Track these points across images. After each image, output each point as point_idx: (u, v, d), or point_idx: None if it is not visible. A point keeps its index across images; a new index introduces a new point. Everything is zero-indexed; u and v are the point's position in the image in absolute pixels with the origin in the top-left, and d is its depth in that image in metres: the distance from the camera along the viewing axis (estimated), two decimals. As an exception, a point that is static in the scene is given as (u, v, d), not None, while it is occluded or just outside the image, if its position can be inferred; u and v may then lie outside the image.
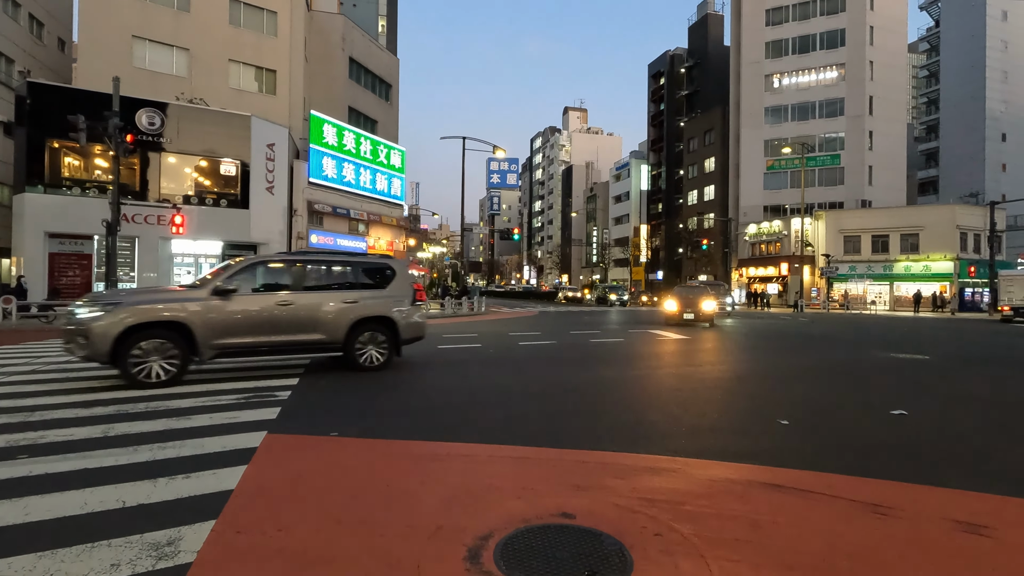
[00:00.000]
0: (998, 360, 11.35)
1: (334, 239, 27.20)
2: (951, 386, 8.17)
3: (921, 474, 4.12)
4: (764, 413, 6.09)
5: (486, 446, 4.72)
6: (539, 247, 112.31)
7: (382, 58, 36.34)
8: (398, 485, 3.71)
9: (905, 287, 40.65)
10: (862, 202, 46.18)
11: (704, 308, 19.13)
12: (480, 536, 2.93)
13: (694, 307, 19.28)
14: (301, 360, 9.69)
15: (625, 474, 3.99)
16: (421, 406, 6.33)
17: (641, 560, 2.69)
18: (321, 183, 26.28)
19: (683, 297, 20.07)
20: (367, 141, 29.31)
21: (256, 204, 23.47)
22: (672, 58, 68.15)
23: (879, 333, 18.27)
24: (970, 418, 6.08)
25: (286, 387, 7.16)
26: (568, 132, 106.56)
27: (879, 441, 5.05)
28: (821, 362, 10.56)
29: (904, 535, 3.05)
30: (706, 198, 56.97)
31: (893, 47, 48.72)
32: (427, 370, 8.99)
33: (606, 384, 7.90)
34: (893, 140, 48.26)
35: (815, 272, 43.02)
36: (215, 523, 3.06)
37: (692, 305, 19.32)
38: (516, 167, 58.67)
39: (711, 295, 20.39)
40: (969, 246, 40.24)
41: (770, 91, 50.33)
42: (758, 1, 50.73)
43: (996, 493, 3.73)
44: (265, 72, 25.98)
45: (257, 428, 5.12)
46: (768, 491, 3.70)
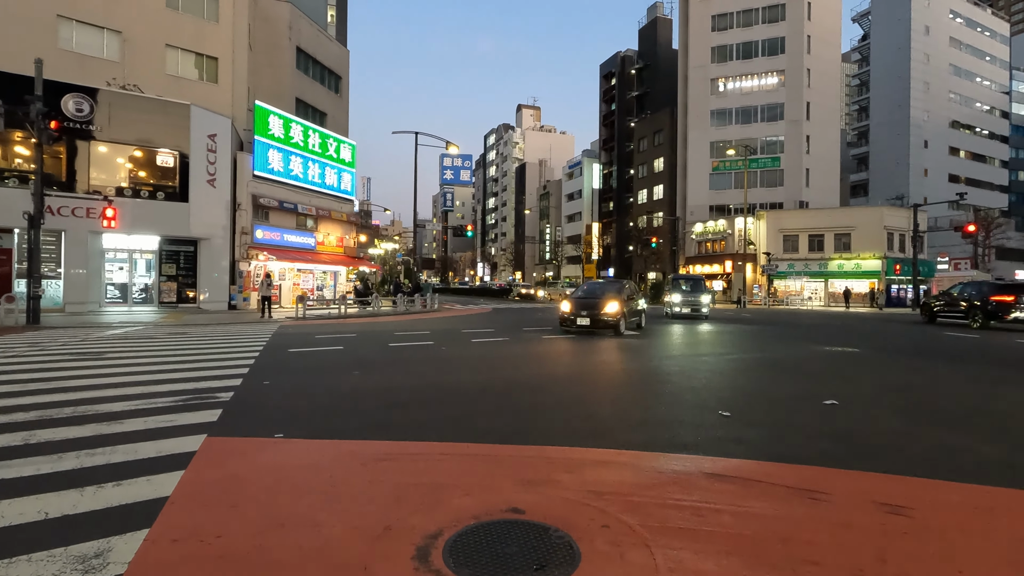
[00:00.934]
0: (919, 352, 12.17)
1: (281, 234, 26.33)
2: (878, 377, 8.70)
3: (851, 460, 4.37)
4: (707, 406, 6.31)
5: (437, 444, 4.69)
6: (493, 244, 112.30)
7: (331, 49, 35.37)
8: (346, 486, 3.64)
9: (839, 284, 42.96)
10: (800, 203, 48.50)
11: (608, 310, 14.41)
12: (429, 535, 2.91)
13: (593, 311, 14.56)
14: (245, 359, 9.34)
15: (574, 468, 4.05)
16: (371, 405, 6.22)
17: (589, 552, 2.74)
18: (267, 176, 25.35)
19: (578, 299, 15.55)
20: (316, 134, 28.48)
21: (196, 197, 22.41)
22: (623, 59, 69.43)
23: (815, 328, 19.24)
24: (894, 406, 6.49)
25: (228, 388, 6.88)
26: (522, 130, 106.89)
27: (813, 430, 5.32)
28: (761, 356, 11.03)
29: (834, 518, 3.22)
30: (655, 197, 58.42)
31: (828, 56, 51.35)
32: (377, 369, 8.84)
33: (558, 380, 7.98)
34: (828, 145, 50.91)
35: (757, 269, 44.88)
36: (148, 532, 2.91)
37: (590, 309, 14.65)
38: (470, 163, 58.41)
39: (616, 296, 14.99)
40: (895, 245, 42.94)
41: (715, 95, 52.07)
42: (704, 7, 52.35)
43: (916, 476, 4.00)
44: (206, 59, 24.79)
45: (196, 431, 4.90)
46: (711, 480, 3.84)
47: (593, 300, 15.08)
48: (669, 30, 65.22)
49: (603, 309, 14.43)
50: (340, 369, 8.63)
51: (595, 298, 15.20)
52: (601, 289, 16.37)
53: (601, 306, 14.54)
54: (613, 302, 14.56)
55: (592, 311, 14.52)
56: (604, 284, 17.48)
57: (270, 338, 13.06)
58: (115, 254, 21.88)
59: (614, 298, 14.79)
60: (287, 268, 27.32)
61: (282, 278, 26.96)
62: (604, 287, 16.56)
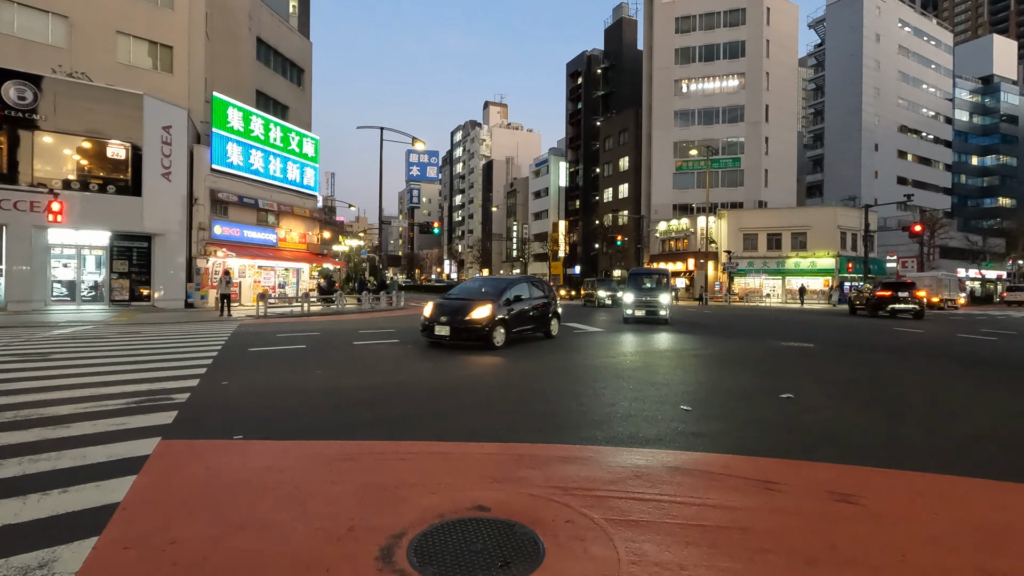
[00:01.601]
0: (869, 346, 12.70)
1: (241, 230, 25.58)
2: (831, 370, 9.05)
3: (804, 451, 4.54)
4: (670, 400, 6.44)
5: (402, 443, 4.65)
6: (460, 241, 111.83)
7: (293, 41, 34.52)
8: (308, 487, 3.57)
9: (796, 281, 44.46)
10: (759, 202, 49.96)
11: (475, 316, 10.86)
12: (393, 534, 2.89)
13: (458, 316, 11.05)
14: (202, 359, 9.06)
15: (539, 464, 4.08)
16: (335, 404, 6.12)
17: (553, 547, 2.77)
18: (226, 170, 24.58)
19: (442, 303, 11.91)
20: (277, 127, 27.76)
21: (150, 191, 21.56)
22: (589, 59, 70.04)
23: (772, 324, 19.86)
24: (845, 399, 6.76)
25: (184, 389, 6.66)
26: (488, 127, 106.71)
27: (770, 423, 5.50)
28: (722, 352, 11.32)
29: (789, 507, 3.34)
30: (621, 196, 59.21)
31: (786, 61, 53.03)
32: (341, 367, 8.70)
33: (525, 376, 8.02)
34: (786, 146, 52.60)
35: (718, 267, 46.02)
36: (97, 540, 2.80)
37: (454, 314, 11.13)
38: (436, 160, 58.01)
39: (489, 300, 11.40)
40: (848, 244, 44.69)
41: (679, 95, 53.09)
42: (668, 9, 53.27)
43: (864, 465, 4.18)
44: (160, 48, 23.84)
45: (149, 434, 4.73)
46: (672, 473, 3.92)
47: (461, 304, 11.47)
48: (634, 31, 66.12)
49: (469, 315, 10.91)
50: (302, 368, 8.46)
51: (465, 301, 11.64)
52: (482, 288, 12.57)
53: (468, 311, 11.01)
54: (483, 306, 10.99)
55: (456, 316, 11.01)
56: (492, 282, 13.07)
57: (229, 337, 12.69)
58: (62, 250, 20.87)
59: (485, 301, 11.22)
60: (247, 265, 26.58)
61: (242, 275, 26.22)
62: (489, 285, 12.62)
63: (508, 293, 11.91)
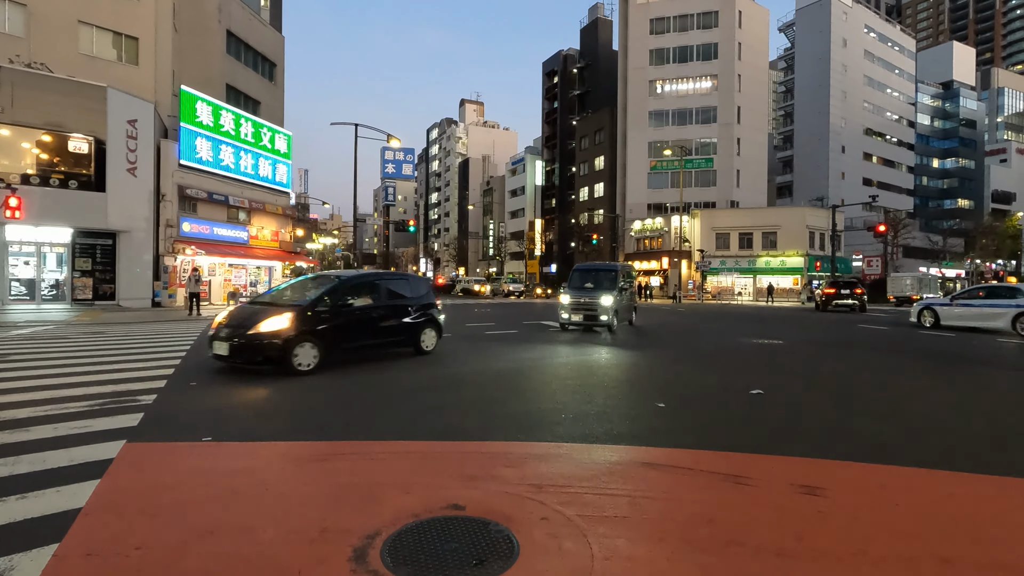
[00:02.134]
0: (837, 343, 13.06)
1: (211, 228, 24.99)
2: (799, 366, 9.28)
3: (772, 446, 4.65)
4: (644, 397, 6.52)
5: (376, 443, 4.61)
6: (436, 239, 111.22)
7: (265, 34, 33.83)
8: (279, 489, 3.52)
9: (767, 280, 45.46)
10: (731, 202, 50.88)
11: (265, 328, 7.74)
12: (367, 535, 2.86)
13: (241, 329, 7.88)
14: (170, 360, 8.83)
15: (514, 463, 4.09)
16: (308, 404, 6.04)
17: (527, 544, 2.78)
18: (195, 166, 23.98)
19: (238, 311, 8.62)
20: (248, 123, 27.19)
21: (115, 187, 20.90)
22: (565, 58, 70.32)
23: (743, 321, 20.25)
24: (812, 394, 6.94)
25: (151, 390, 6.49)
26: (465, 125, 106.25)
27: (740, 418, 5.62)
28: (695, 349, 11.51)
29: (756, 500, 3.42)
30: (596, 195, 59.64)
31: (757, 63, 54.09)
32: (322, 368, 8.56)
33: (499, 374, 8.02)
34: (757, 147, 53.67)
35: (692, 266, 46.73)
36: (58, 547, 2.71)
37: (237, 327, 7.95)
38: (412, 157, 57.48)
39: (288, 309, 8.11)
40: (816, 244, 45.85)
41: (653, 96, 53.70)
42: (643, 10, 53.82)
43: (829, 459, 4.30)
44: (125, 39, 23.11)
45: (114, 437, 4.59)
46: (645, 470, 3.98)
47: (252, 311, 8.29)
48: (610, 31, 66.62)
49: (257, 327, 7.70)
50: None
51: (263, 307, 8.40)
52: (304, 287, 9.36)
53: (256, 321, 7.80)
54: (279, 316, 7.79)
55: (239, 329, 7.81)
56: (316, 280, 9.52)
57: (198, 337, 12.39)
58: (20, 247, 20.10)
59: (285, 309, 8.04)
60: (217, 263, 25.99)
61: (212, 273, 25.63)
62: (307, 286, 9.25)
63: (335, 295, 8.55)
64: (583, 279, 15.76)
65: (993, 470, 4.08)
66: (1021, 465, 4.24)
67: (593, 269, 16.68)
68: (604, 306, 14.06)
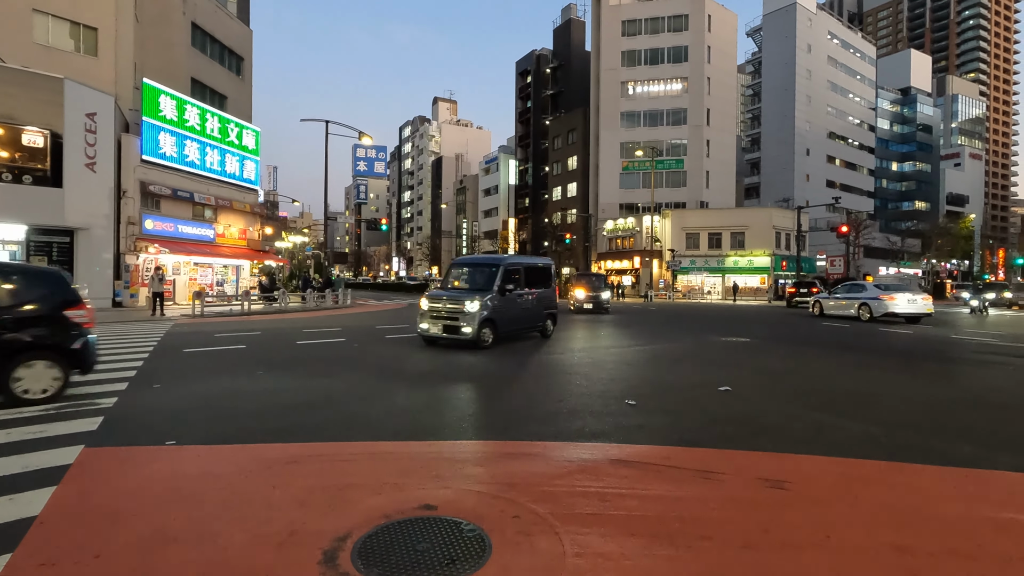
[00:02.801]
0: (801, 340, 13.42)
1: (175, 225, 24.26)
2: (765, 363, 9.50)
3: (740, 441, 4.75)
4: (615, 395, 6.59)
5: (347, 444, 4.55)
6: (409, 238, 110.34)
7: (232, 27, 32.99)
8: (246, 492, 3.44)
9: (735, 279, 46.42)
10: (701, 203, 51.80)
11: None
12: (337, 537, 2.83)
13: None
14: (132, 362, 8.55)
15: (486, 462, 4.09)
16: (277, 406, 5.92)
17: (499, 543, 2.79)
18: (158, 162, 23.24)
19: None
20: (215, 118, 26.48)
21: (72, 182, 20.11)
22: (538, 58, 70.51)
23: (712, 319, 20.65)
24: (778, 390, 7.12)
25: (111, 393, 6.28)
26: (438, 123, 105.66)
27: (709, 415, 5.73)
28: (666, 347, 11.68)
29: (724, 495, 3.50)
30: (569, 194, 60.00)
31: (726, 67, 55.18)
32: (283, 368, 8.41)
33: (473, 373, 8.01)
34: (726, 149, 54.77)
35: (663, 265, 47.41)
36: (11, 557, 2.60)
37: None
38: (384, 155, 56.89)
39: None
40: (783, 244, 47.02)
41: (625, 97, 54.29)
42: (615, 12, 54.35)
43: (793, 453, 4.43)
44: (83, 29, 22.24)
45: (71, 442, 4.43)
46: (616, 466, 4.02)
47: None
48: (582, 32, 67.05)
49: None
50: (242, 369, 8.13)
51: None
52: None
53: None
54: None
55: None
56: None
57: (162, 338, 12.04)
58: (-30, 245, 19.18)
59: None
60: (182, 262, 25.25)
61: (176, 272, 24.88)
62: None
63: None
64: (456, 277, 12.35)
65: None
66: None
67: (472, 264, 12.61)
68: (471, 313, 10.43)
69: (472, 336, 10.48)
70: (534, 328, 12.69)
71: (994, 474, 4.02)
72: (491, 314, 10.76)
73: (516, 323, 11.86)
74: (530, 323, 12.51)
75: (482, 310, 10.57)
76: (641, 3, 54.39)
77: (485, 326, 10.68)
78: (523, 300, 12.02)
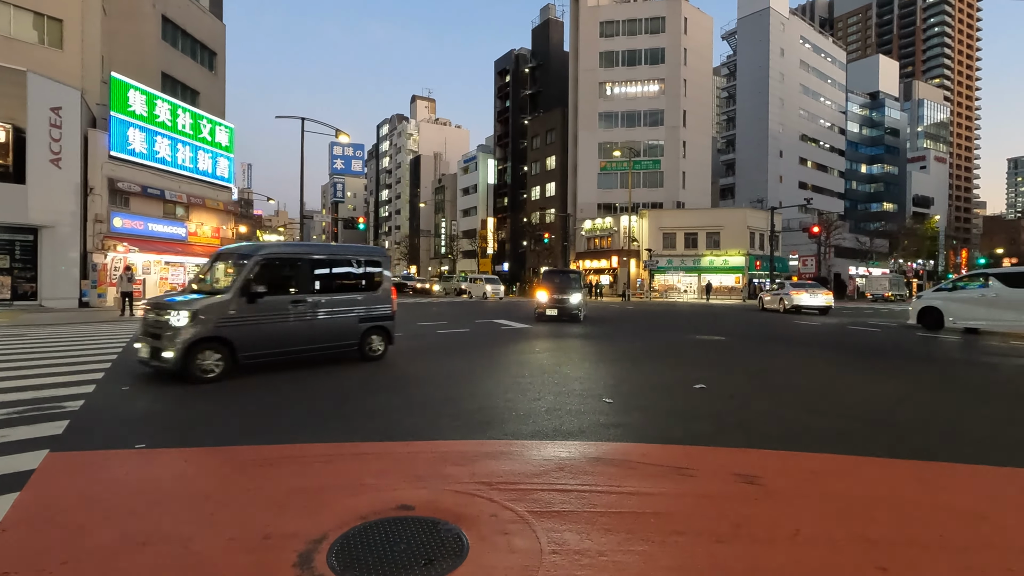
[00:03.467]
0: (775, 338, 13.70)
1: (145, 223, 23.68)
2: (741, 361, 9.68)
3: (715, 437, 4.84)
4: (592, 394, 6.65)
5: (322, 445, 4.50)
6: (387, 237, 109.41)
7: (204, 21, 32.30)
8: (219, 495, 3.38)
9: (709, 278, 47.18)
10: (677, 203, 52.49)
11: None
12: (313, 539, 2.80)
13: None
14: (99, 363, 8.32)
15: (464, 461, 4.09)
16: (252, 407, 5.82)
17: (477, 542, 2.79)
18: (127, 158, 22.65)
19: None
20: (186, 113, 25.91)
21: (36, 179, 19.48)
22: (517, 57, 70.57)
23: (688, 318, 20.94)
24: (752, 388, 7.26)
25: (77, 395, 6.10)
26: (416, 121, 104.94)
27: (685, 412, 5.81)
28: (642, 345, 11.81)
29: (699, 491, 3.56)
30: (548, 194, 60.21)
31: (702, 69, 56.01)
32: (259, 367, 8.27)
33: (453, 374, 7.98)
34: (702, 150, 55.59)
35: (640, 265, 47.91)
36: (-30, 566, 2.51)
37: None
38: (362, 153, 56.19)
39: None
40: (756, 244, 47.92)
41: (603, 98, 54.71)
42: (593, 13, 54.72)
43: (766, 448, 4.52)
44: (47, 20, 21.55)
45: (35, 447, 4.30)
46: (593, 464, 4.06)
47: None
48: (561, 32, 67.31)
49: None
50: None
51: None
52: None
53: None
54: None
55: None
56: None
57: (131, 338, 11.73)
58: (-74, 243, 18.44)
59: None
60: (153, 261, 24.65)
61: (147, 272, 24.28)
62: None
63: None
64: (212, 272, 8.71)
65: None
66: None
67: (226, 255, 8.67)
68: (173, 328, 6.93)
69: (173, 363, 6.87)
70: (341, 347, 8.70)
71: (956, 467, 4.16)
72: (219, 330, 7.16)
73: (289, 343, 7.96)
74: (331, 341, 8.55)
75: (194, 324, 6.95)
76: (619, 5, 54.89)
77: (203, 348, 7.02)
78: (310, 308, 8.18)
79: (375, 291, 9.31)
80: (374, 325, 9.13)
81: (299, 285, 8.19)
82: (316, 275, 8.47)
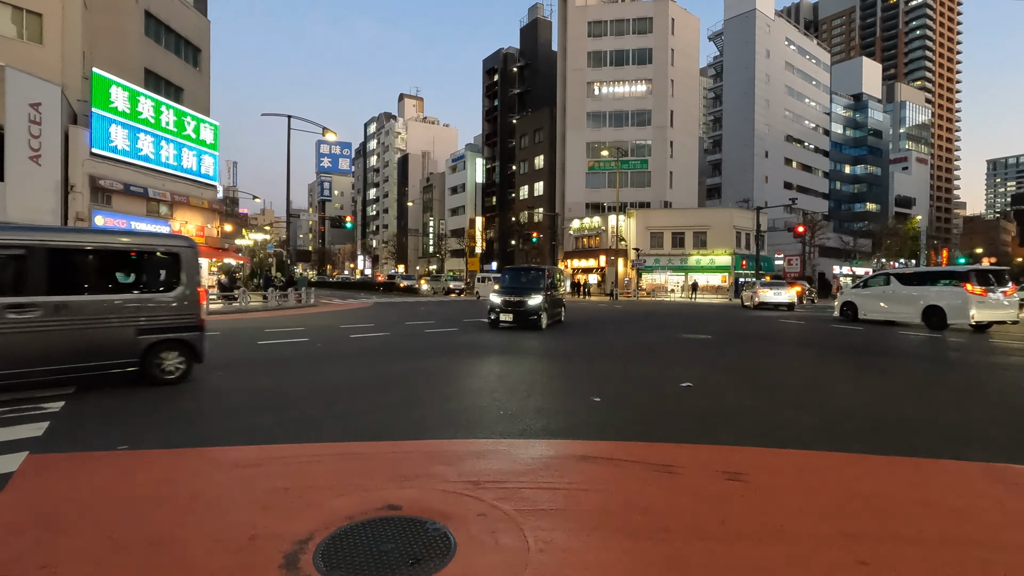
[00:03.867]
0: (759, 336, 13.84)
1: (128, 222, 23.30)
2: (726, 359, 9.76)
3: (700, 435, 4.88)
4: (581, 392, 6.67)
5: (309, 445, 4.48)
6: (374, 236, 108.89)
7: (188, 17, 31.86)
8: (204, 497, 3.35)
9: (695, 277, 47.52)
10: (665, 203, 52.81)
11: None
12: (299, 540, 2.78)
13: None
14: (81, 364, 8.17)
15: (452, 460, 4.09)
16: (236, 408, 5.77)
17: (464, 541, 2.79)
18: (109, 155, 22.28)
19: None
20: (170, 110, 25.55)
21: (15, 176, 19.10)
22: (505, 56, 70.53)
23: (676, 317, 21.08)
24: (737, 385, 7.33)
25: (58, 396, 6.00)
26: (404, 120, 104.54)
27: (672, 411, 5.85)
28: (630, 344, 11.87)
29: (685, 487, 3.59)
30: (536, 193, 60.28)
31: (689, 69, 56.39)
32: (243, 368, 8.20)
33: (438, 373, 7.97)
34: (689, 150, 55.98)
35: (628, 264, 48.14)
36: (-53, 571, 2.47)
37: None
38: (349, 152, 55.94)
39: None
40: (742, 243, 48.35)
41: (591, 97, 54.86)
42: (581, 13, 54.85)
43: (750, 446, 4.57)
44: (26, 14, 21.12)
45: (14, 449, 4.22)
46: (580, 463, 4.08)
47: None
48: (549, 31, 67.38)
49: None
50: (199, 370, 7.88)
51: None
52: None
53: None
54: None
55: None
56: None
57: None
58: (-100, 241, 17.99)
59: None
60: (135, 260, 24.27)
61: (129, 271, 23.90)
62: None
63: None
64: None
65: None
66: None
67: None
68: None
69: None
70: (104, 367, 6.38)
71: (937, 463, 4.24)
72: None
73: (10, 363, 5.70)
74: (84, 360, 6.21)
75: None
76: (606, 5, 55.08)
77: None
78: (47, 315, 5.91)
79: (169, 293, 6.88)
80: (167, 338, 6.80)
81: (26, 284, 5.84)
82: (57, 271, 6.09)
